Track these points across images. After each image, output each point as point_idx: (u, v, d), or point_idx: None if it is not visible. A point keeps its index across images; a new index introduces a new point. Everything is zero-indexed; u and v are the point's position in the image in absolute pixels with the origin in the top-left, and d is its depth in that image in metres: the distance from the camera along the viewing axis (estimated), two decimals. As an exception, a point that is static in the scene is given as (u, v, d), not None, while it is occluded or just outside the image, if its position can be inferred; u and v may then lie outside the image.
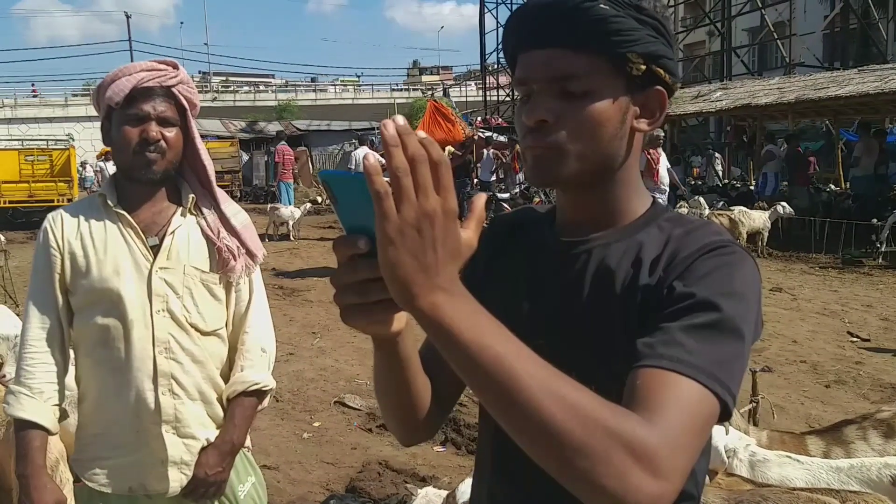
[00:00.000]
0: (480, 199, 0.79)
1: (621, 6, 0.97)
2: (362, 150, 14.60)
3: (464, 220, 0.76)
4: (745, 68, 21.30)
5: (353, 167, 13.72)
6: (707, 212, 11.83)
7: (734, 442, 2.96)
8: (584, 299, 1.03)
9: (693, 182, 16.37)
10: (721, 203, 13.08)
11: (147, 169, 1.84)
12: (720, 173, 18.01)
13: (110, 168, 10.10)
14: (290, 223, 14.59)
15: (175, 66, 1.89)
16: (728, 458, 2.92)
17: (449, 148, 16.41)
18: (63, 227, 1.87)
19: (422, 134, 0.71)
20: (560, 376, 0.76)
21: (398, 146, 0.68)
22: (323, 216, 18.46)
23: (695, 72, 26.19)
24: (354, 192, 0.71)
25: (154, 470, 1.88)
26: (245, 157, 27.96)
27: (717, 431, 2.91)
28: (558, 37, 0.98)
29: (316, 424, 5.02)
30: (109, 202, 1.88)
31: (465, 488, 2.75)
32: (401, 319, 0.88)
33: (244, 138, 30.24)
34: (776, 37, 22.52)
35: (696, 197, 12.85)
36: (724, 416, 0.86)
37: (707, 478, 2.80)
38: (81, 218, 1.88)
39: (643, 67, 1.00)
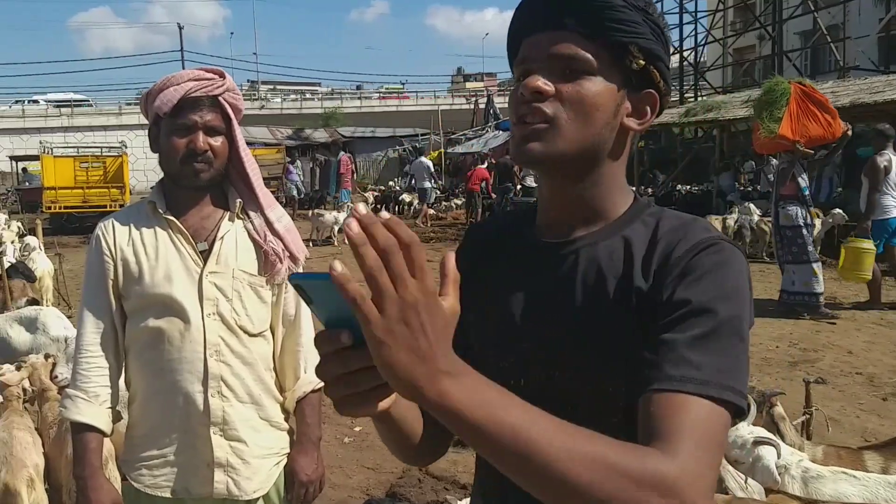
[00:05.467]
0: (450, 259, 0.76)
1: (628, 1, 1.02)
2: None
3: (440, 287, 0.74)
4: (796, 72, 20.81)
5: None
6: (756, 218, 11.59)
7: (787, 457, 2.87)
8: (576, 301, 1.04)
9: (743, 188, 16.06)
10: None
11: (195, 178, 1.88)
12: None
13: None
14: (335, 229, 14.73)
15: (221, 75, 1.92)
16: (780, 474, 2.83)
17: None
18: (115, 234, 1.91)
19: (385, 215, 0.70)
20: (576, 432, 0.76)
21: (366, 244, 0.67)
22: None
23: (745, 76, 25.69)
24: (329, 293, 0.69)
25: (199, 472, 1.90)
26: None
27: (769, 452, 2.82)
28: (565, 21, 1.01)
29: (357, 429, 5.03)
30: (159, 209, 1.92)
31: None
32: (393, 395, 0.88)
33: (290, 145, 30.64)
34: (829, 40, 22.01)
35: (747, 203, 12.60)
36: (739, 415, 0.91)
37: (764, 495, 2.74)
38: (132, 225, 1.92)
39: (642, 63, 1.03)
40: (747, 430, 2.91)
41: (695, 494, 0.78)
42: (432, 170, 17.84)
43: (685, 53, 24.49)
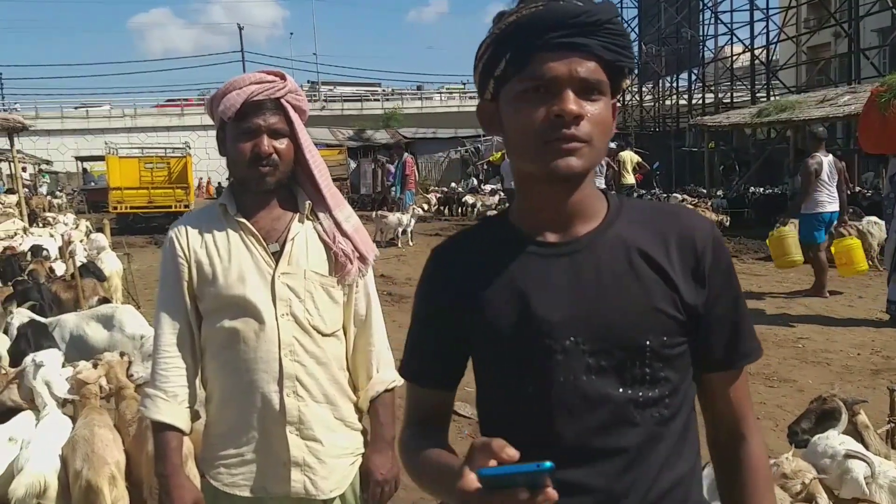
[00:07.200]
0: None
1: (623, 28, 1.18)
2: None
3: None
4: (875, 71, 20.02)
5: None
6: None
7: (874, 467, 2.74)
8: (610, 290, 1.16)
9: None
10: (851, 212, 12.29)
11: (261, 181, 1.90)
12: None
13: None
14: (399, 230, 14.81)
15: (283, 77, 1.93)
16: (867, 485, 2.70)
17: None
18: (188, 237, 1.94)
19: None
20: None
21: None
22: (429, 223, 18.62)
23: (819, 75, 24.86)
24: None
25: (276, 472, 1.92)
26: (353, 164, 28.55)
27: (860, 466, 2.70)
28: (589, 45, 1.12)
29: (426, 430, 4.97)
30: (230, 211, 1.94)
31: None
32: None
33: (352, 146, 30.95)
34: (909, 37, 21.15)
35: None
36: None
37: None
38: (204, 227, 1.95)
39: (628, 82, 1.23)
40: (838, 440, 2.79)
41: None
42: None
43: (756, 52, 23.85)
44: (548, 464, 0.90)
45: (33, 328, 4.75)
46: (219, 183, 35.70)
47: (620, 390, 1.16)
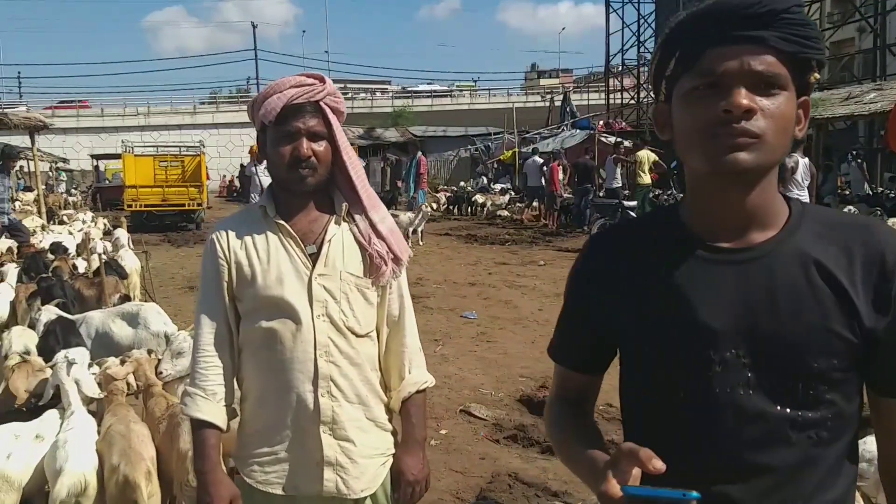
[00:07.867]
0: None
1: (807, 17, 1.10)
2: None
3: None
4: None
5: None
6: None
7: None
8: (781, 305, 1.09)
9: (841, 191, 15.41)
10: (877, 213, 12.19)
11: (301, 183, 1.92)
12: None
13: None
14: (409, 230, 14.79)
15: (321, 80, 1.96)
16: None
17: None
18: (228, 239, 1.97)
19: None
20: None
21: None
22: (439, 223, 18.57)
23: (843, 71, 24.59)
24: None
25: (308, 471, 1.94)
26: (362, 163, 28.47)
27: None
28: (763, 36, 1.07)
29: (443, 432, 5.02)
30: (269, 213, 1.97)
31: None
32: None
33: (362, 144, 30.93)
34: (936, 33, 20.88)
35: (848, 207, 12.09)
36: None
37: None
38: (244, 229, 1.98)
39: (818, 76, 1.12)
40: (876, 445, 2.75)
41: None
42: (545, 169, 17.90)
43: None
44: (695, 493, 0.91)
45: (62, 325, 4.79)
46: (230, 181, 35.87)
47: (778, 408, 1.10)
